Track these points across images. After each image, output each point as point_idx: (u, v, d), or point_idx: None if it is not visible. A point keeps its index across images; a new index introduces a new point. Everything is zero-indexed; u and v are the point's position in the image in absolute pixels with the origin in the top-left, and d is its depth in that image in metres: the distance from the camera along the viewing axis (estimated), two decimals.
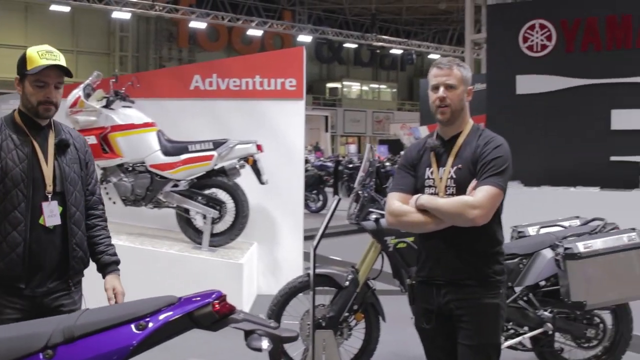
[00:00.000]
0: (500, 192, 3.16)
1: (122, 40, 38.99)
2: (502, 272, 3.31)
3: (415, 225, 3.27)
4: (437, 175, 3.29)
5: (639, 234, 4.84)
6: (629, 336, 5.25)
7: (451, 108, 3.26)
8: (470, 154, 3.24)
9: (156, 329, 2.39)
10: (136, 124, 7.19)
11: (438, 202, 3.19)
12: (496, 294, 3.25)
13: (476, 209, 3.09)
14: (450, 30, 44.23)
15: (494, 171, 3.16)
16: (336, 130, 45.00)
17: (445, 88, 3.27)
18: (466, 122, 3.35)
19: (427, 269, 3.34)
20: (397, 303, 5.99)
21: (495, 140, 3.26)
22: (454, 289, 3.24)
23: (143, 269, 6.79)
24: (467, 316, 3.22)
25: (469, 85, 3.34)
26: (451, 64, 3.31)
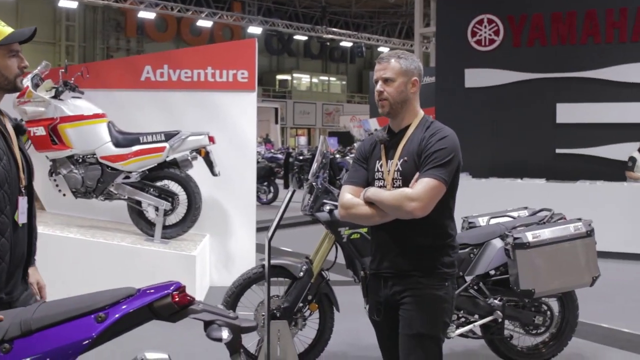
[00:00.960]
0: (440, 184, 3.12)
1: (68, 29, 38.26)
2: (451, 265, 3.29)
3: (363, 217, 3.29)
4: (386, 168, 3.29)
5: (585, 224, 4.99)
6: (575, 322, 5.41)
7: (389, 101, 3.25)
8: (416, 146, 3.21)
9: (115, 321, 2.38)
10: (86, 115, 7.09)
11: (381, 194, 3.19)
12: (441, 286, 3.24)
13: (414, 202, 3.07)
14: (400, 24, 44.52)
15: (435, 163, 3.13)
16: (286, 122, 44.98)
17: (382, 82, 3.27)
18: (414, 115, 3.32)
19: (377, 262, 3.36)
20: (350, 293, 6.05)
21: (441, 131, 3.22)
22: (399, 280, 3.25)
23: (95, 261, 6.73)
24: (407, 305, 3.23)
25: (413, 77, 3.27)
26: (390, 57, 3.29)
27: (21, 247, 2.93)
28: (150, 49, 39.02)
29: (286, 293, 5.10)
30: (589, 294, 5.89)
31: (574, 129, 11.34)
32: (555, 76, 11.50)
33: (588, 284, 5.03)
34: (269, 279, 4.68)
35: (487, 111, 11.77)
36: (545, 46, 11.64)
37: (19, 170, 2.89)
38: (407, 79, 3.26)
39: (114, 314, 2.38)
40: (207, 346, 4.94)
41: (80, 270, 6.65)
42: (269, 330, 4.75)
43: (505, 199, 7.71)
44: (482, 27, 12.04)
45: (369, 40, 44.97)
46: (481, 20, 12.05)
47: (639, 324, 6.58)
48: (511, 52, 11.89)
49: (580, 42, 11.41)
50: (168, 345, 5.66)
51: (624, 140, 10.84)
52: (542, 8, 11.62)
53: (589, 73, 11.26)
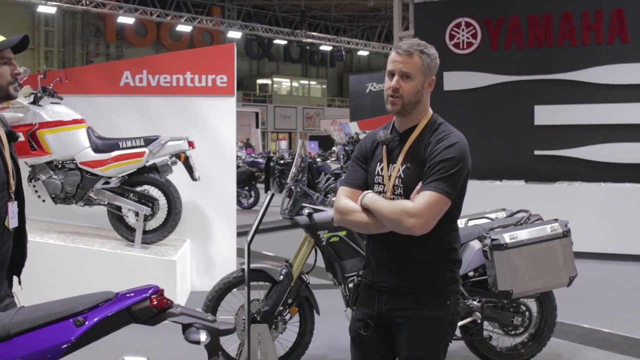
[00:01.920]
0: (444, 199, 2.81)
1: (47, 35, 38.04)
2: (453, 282, 2.99)
3: (358, 225, 3.00)
4: (387, 173, 2.98)
5: (561, 225, 5.05)
6: (553, 323, 5.47)
7: (403, 100, 2.91)
8: (421, 151, 2.90)
9: (94, 325, 2.39)
10: (65, 121, 7.07)
11: (380, 204, 2.89)
12: (442, 305, 2.95)
13: (413, 218, 2.78)
14: (379, 27, 44.72)
15: (440, 175, 2.81)
16: (267, 126, 44.96)
17: (400, 77, 2.90)
18: (424, 114, 2.99)
19: (372, 273, 3.06)
20: (330, 296, 6.09)
21: (449, 138, 2.89)
22: (396, 297, 2.96)
23: (75, 267, 6.71)
24: (405, 326, 2.95)
25: (432, 76, 2.96)
26: (412, 49, 2.91)
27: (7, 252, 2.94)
28: (130, 54, 38.92)
29: (266, 297, 5.12)
30: (567, 294, 5.96)
31: (552, 131, 11.44)
32: (532, 78, 11.60)
33: (565, 284, 5.08)
34: (249, 283, 4.69)
35: (466, 114, 11.84)
36: (523, 49, 11.74)
37: (9, 176, 2.91)
38: (426, 78, 2.94)
39: (93, 318, 2.40)
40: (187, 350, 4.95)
41: (60, 276, 6.62)
42: (249, 334, 4.76)
43: (484, 201, 7.75)
44: (459, 31, 12.12)
45: (349, 44, 45.12)
46: (459, 23, 12.13)
47: (617, 323, 6.67)
48: (489, 55, 11.98)
49: (557, 44, 11.51)
50: (149, 350, 5.67)
51: (602, 142, 10.95)
52: (518, 11, 11.72)
53: (566, 75, 11.36)
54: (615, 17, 11.04)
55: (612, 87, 11.03)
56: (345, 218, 3.00)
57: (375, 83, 26.55)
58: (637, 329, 6.48)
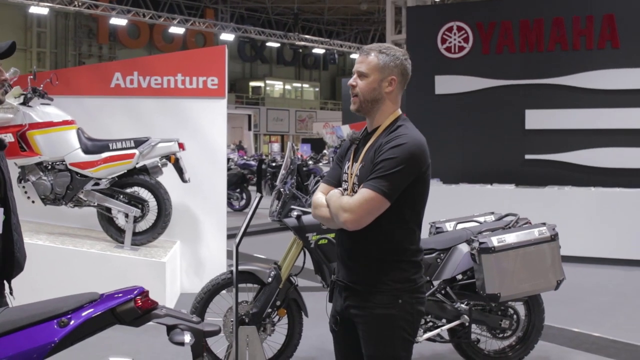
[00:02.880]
0: (379, 197, 2.83)
1: (39, 35, 37.96)
2: (405, 281, 2.98)
3: (323, 219, 3.10)
4: (350, 171, 3.07)
5: (549, 228, 5.08)
6: (541, 326, 5.50)
7: (359, 98, 3.02)
8: (373, 151, 2.96)
9: (78, 326, 2.39)
10: (55, 122, 7.06)
11: (331, 199, 3.01)
12: (392, 304, 2.95)
13: (346, 213, 2.87)
14: (372, 31, 44.76)
15: (378, 173, 2.86)
16: (259, 129, 44.96)
17: (357, 75, 3.03)
18: (388, 115, 3.04)
19: (337, 269, 3.19)
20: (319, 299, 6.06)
21: (399, 138, 2.92)
22: (351, 294, 3.04)
23: (64, 268, 6.69)
24: (361, 325, 3.02)
25: (391, 75, 3.01)
26: (371, 50, 3.04)
27: None
28: (123, 55, 38.86)
29: (255, 299, 5.13)
30: (555, 298, 5.98)
31: (542, 135, 11.48)
32: (524, 83, 11.64)
33: (553, 288, 5.10)
34: (237, 285, 4.69)
35: (457, 117, 11.88)
36: (514, 53, 11.78)
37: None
38: (383, 76, 3.00)
39: (77, 319, 2.40)
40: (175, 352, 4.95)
41: (49, 277, 6.60)
42: (237, 336, 4.76)
43: (475, 205, 7.80)
44: (451, 35, 12.16)
45: (342, 47, 45.16)
46: (451, 27, 12.16)
47: (604, 327, 6.70)
48: (480, 59, 12.01)
49: (548, 49, 11.56)
50: (137, 351, 5.66)
51: (592, 146, 10.99)
52: (510, 15, 11.76)
53: (557, 80, 11.41)
54: (606, 22, 11.09)
55: (603, 92, 11.08)
56: (315, 212, 3.14)
57: None
58: (625, 333, 6.51)
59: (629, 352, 6.01)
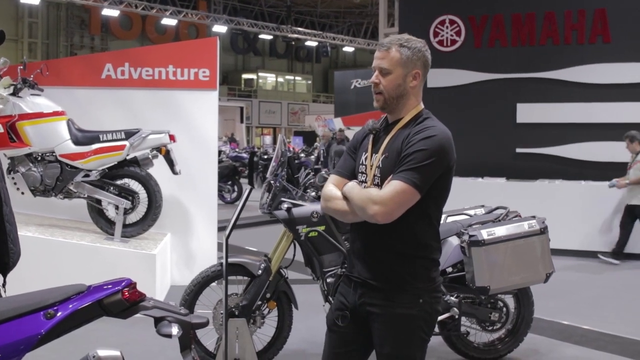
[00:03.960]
0: (411, 190, 2.75)
1: (31, 26, 37.76)
2: (428, 280, 2.91)
3: (337, 213, 2.99)
4: (369, 162, 2.96)
5: (539, 221, 5.09)
6: (530, 319, 5.52)
7: (384, 95, 2.92)
8: (400, 142, 2.87)
9: (65, 317, 2.38)
10: (45, 113, 7.02)
11: (353, 192, 2.89)
12: (413, 304, 2.87)
13: (377, 205, 2.76)
14: (365, 24, 44.75)
15: (410, 165, 2.77)
16: (251, 121, 44.90)
17: (379, 72, 2.94)
18: (411, 108, 2.96)
19: (350, 264, 3.07)
20: (309, 291, 6.10)
21: (428, 130, 2.84)
22: (369, 291, 2.92)
23: (54, 260, 6.67)
24: (377, 323, 2.92)
25: (415, 69, 2.92)
26: (391, 44, 2.93)
27: None
28: (115, 46, 38.71)
29: (245, 291, 5.12)
30: (545, 291, 6.01)
31: (533, 129, 11.51)
32: (515, 76, 11.66)
33: (542, 281, 5.11)
34: (227, 277, 4.69)
35: (449, 111, 11.83)
36: (506, 47, 11.80)
37: None
38: (407, 71, 2.91)
39: (64, 311, 2.39)
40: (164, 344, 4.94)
41: (39, 269, 6.57)
42: (227, 328, 4.76)
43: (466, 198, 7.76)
44: (444, 28, 12.16)
45: (334, 40, 45.07)
46: (443, 20, 12.16)
47: (593, 320, 6.74)
48: (472, 52, 12.02)
49: (540, 43, 11.58)
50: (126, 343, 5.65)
51: (583, 140, 11.02)
52: (502, 9, 11.76)
53: (548, 74, 11.43)
54: (597, 17, 11.11)
55: (594, 86, 11.11)
56: (327, 205, 3.01)
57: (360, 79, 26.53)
58: (614, 326, 6.55)
59: (618, 344, 6.05)
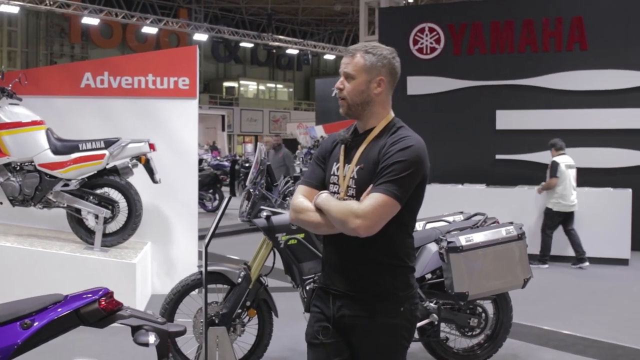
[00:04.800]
0: (392, 202, 2.72)
1: (10, 34, 37.58)
2: (407, 287, 2.89)
3: (310, 225, 2.92)
4: (342, 173, 2.91)
5: (516, 227, 5.13)
6: (509, 324, 5.56)
7: (347, 101, 2.89)
8: (376, 153, 2.82)
9: (42, 327, 2.39)
10: (24, 122, 6.99)
11: (330, 204, 2.83)
12: (395, 312, 2.85)
13: (359, 219, 2.71)
14: (346, 32, 44.89)
15: (390, 177, 2.73)
16: (233, 129, 44.83)
17: (344, 78, 2.91)
18: (381, 118, 2.91)
19: (325, 276, 3.00)
20: (289, 299, 6.11)
21: (404, 140, 2.81)
22: (349, 302, 2.88)
23: (33, 270, 6.63)
24: (359, 334, 2.87)
25: (379, 75, 2.87)
26: (357, 50, 2.92)
27: None
28: (96, 55, 38.58)
29: (225, 299, 5.13)
30: (524, 296, 6.06)
31: (513, 136, 11.62)
32: (494, 84, 11.77)
33: (520, 286, 5.16)
34: (206, 286, 4.69)
35: (429, 118, 11.97)
36: (485, 54, 11.91)
37: None
38: (371, 77, 2.86)
39: (40, 321, 2.40)
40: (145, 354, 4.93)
41: (18, 279, 6.55)
42: (207, 336, 4.76)
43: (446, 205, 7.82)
44: (423, 36, 12.25)
45: (315, 48, 45.21)
46: (422, 28, 12.26)
47: (571, 324, 6.80)
48: (452, 60, 12.12)
49: (519, 50, 11.71)
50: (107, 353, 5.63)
51: None
52: (481, 17, 11.88)
53: (527, 81, 11.56)
54: (575, 24, 11.26)
55: (573, 93, 11.25)
56: (299, 217, 2.93)
57: None
58: (593, 330, 6.61)
59: (597, 348, 6.10)
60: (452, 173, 11.52)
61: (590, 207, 10.23)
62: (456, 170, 11.63)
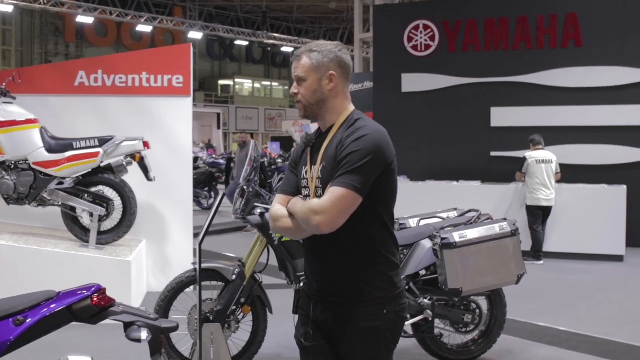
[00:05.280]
0: (350, 193, 2.64)
1: (4, 33, 37.46)
2: (389, 288, 2.80)
3: (287, 231, 2.87)
4: (310, 175, 2.86)
5: (510, 224, 5.15)
6: (503, 320, 5.58)
7: (303, 103, 2.88)
8: (334, 149, 2.78)
9: (34, 324, 2.39)
10: (18, 121, 6.99)
11: (295, 206, 2.79)
12: (377, 316, 2.76)
13: (318, 215, 2.65)
14: (341, 29, 44.82)
15: (346, 169, 2.67)
16: (228, 127, 44.78)
17: (296, 82, 2.90)
18: (339, 112, 2.88)
19: (306, 280, 2.97)
20: (284, 295, 6.10)
21: (359, 131, 2.74)
22: (329, 306, 2.82)
23: (28, 268, 6.63)
24: (341, 340, 2.82)
25: (329, 70, 2.83)
26: (302, 52, 2.90)
27: None
28: (90, 54, 38.46)
29: (219, 296, 5.13)
30: (518, 292, 6.08)
31: (507, 132, 11.64)
32: (489, 81, 11.79)
33: (514, 282, 5.18)
34: (201, 283, 4.70)
35: (424, 115, 11.99)
36: (480, 51, 11.93)
37: None
38: (321, 74, 2.84)
39: (33, 317, 2.40)
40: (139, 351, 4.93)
41: (13, 277, 6.54)
42: (201, 333, 4.77)
43: (442, 202, 7.86)
44: (418, 33, 12.25)
45: None
46: (417, 26, 12.26)
47: (565, 320, 6.82)
48: (446, 57, 12.14)
49: (513, 47, 11.73)
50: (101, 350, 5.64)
51: (556, 144, 11.15)
52: (475, 14, 11.90)
53: (521, 78, 11.58)
54: (569, 21, 11.28)
55: (567, 90, 11.27)
56: (276, 225, 2.89)
57: None
58: (586, 326, 6.63)
59: (590, 344, 6.12)
60: (447, 170, 11.53)
61: (585, 203, 10.25)
62: (451, 167, 11.64)
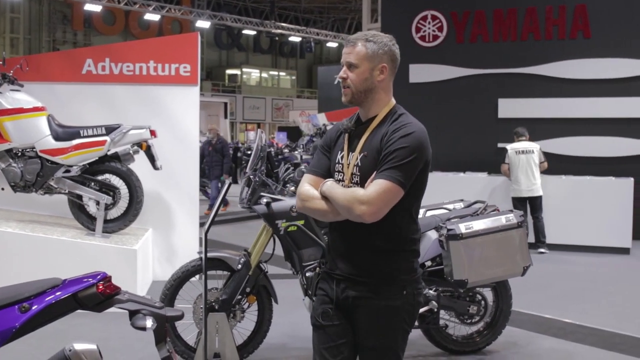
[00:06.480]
0: (396, 188, 2.78)
1: (12, 21, 37.43)
2: (411, 271, 2.96)
3: (317, 212, 2.98)
4: (346, 161, 2.98)
5: (516, 215, 5.13)
6: (509, 311, 5.57)
7: (351, 89, 2.94)
8: (378, 141, 2.88)
9: (40, 311, 2.40)
10: (25, 108, 7.01)
11: (335, 191, 2.89)
12: (398, 295, 2.91)
13: (364, 205, 2.77)
14: (349, 19, 44.74)
15: (393, 163, 2.79)
16: (235, 117, 44.75)
17: (347, 67, 2.96)
18: (383, 104, 2.98)
19: (330, 262, 3.07)
20: (289, 285, 6.13)
21: (406, 127, 2.87)
22: (352, 286, 2.94)
23: (35, 256, 6.66)
24: (361, 316, 2.94)
25: (382, 63, 2.93)
26: (357, 39, 2.97)
27: None
28: (98, 42, 38.41)
29: (224, 285, 5.14)
30: (524, 284, 6.07)
31: (515, 124, 11.58)
32: (497, 72, 11.74)
33: (519, 274, 5.16)
34: (206, 272, 4.71)
35: (431, 106, 11.95)
36: (488, 42, 11.87)
37: None
38: (374, 65, 2.92)
39: (38, 304, 2.40)
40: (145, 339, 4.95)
41: (19, 265, 6.58)
42: (206, 322, 4.78)
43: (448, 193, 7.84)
44: (426, 23, 12.21)
45: (318, 36, 45.05)
46: (425, 16, 12.22)
47: (572, 313, 6.81)
48: (454, 48, 12.09)
49: (521, 38, 11.67)
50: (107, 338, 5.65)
51: (563, 135, 11.13)
52: (484, 5, 11.84)
53: (529, 69, 11.52)
54: (578, 12, 11.21)
55: (575, 81, 11.21)
56: (305, 205, 2.99)
57: None
58: (592, 318, 6.62)
59: (596, 336, 6.11)
60: (454, 161, 11.51)
61: (592, 196, 10.23)
62: (458, 158, 11.62)
